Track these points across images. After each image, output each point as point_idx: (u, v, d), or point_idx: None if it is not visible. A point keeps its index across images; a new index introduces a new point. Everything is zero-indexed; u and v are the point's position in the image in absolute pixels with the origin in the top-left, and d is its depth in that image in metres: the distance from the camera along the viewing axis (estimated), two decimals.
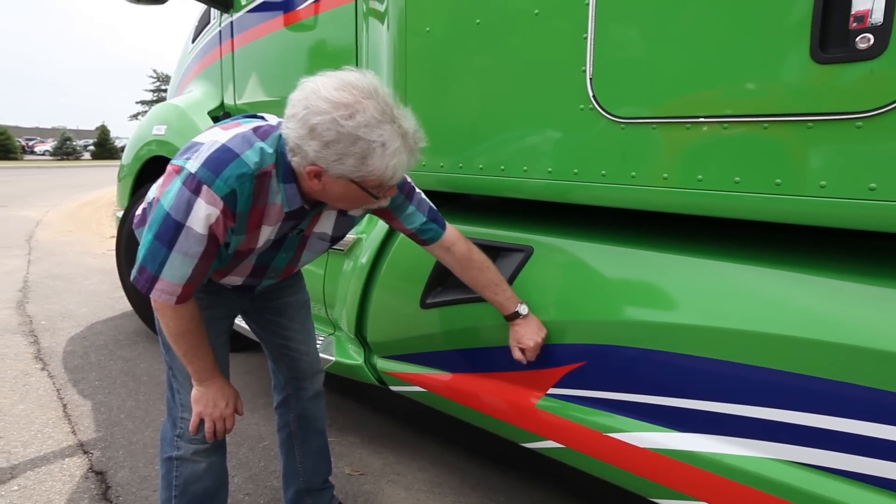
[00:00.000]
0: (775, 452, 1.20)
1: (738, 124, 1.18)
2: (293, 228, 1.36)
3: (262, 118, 1.32)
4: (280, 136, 1.20)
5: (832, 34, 1.05)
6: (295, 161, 1.16)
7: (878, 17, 0.99)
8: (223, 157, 1.15)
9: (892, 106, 1.00)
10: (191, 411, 1.40)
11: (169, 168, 1.22)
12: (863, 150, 1.04)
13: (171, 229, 1.15)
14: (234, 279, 1.44)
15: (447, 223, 1.54)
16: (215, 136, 1.20)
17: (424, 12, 1.77)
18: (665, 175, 1.30)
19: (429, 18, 1.76)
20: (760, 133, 1.15)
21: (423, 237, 1.51)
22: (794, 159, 1.12)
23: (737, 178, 1.20)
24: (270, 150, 1.19)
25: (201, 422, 1.40)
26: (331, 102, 1.08)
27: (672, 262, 1.38)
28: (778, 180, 1.15)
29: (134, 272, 1.22)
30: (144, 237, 1.20)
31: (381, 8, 1.93)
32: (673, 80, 1.26)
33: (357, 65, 2.13)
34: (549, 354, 1.55)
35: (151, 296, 1.22)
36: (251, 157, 1.16)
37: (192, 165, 1.15)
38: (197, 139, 1.26)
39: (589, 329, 1.48)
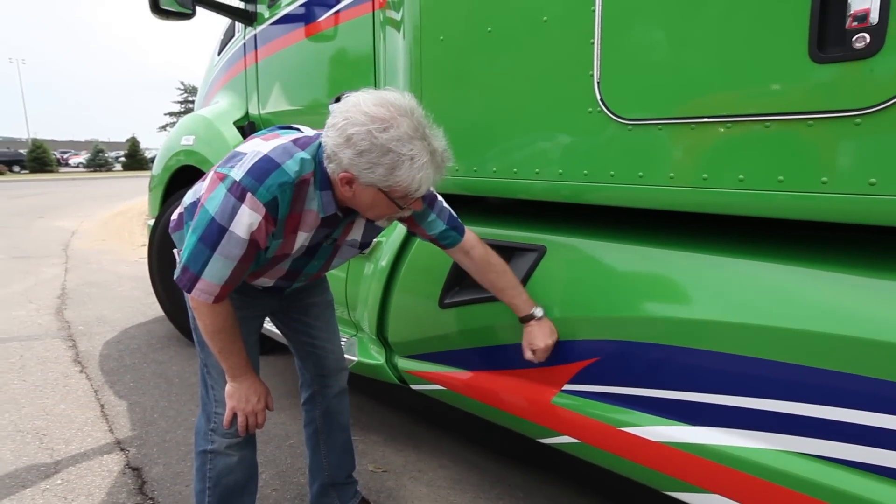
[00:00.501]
0: (785, 444, 1.22)
1: (740, 124, 1.21)
2: (326, 237, 1.44)
3: (299, 130, 1.40)
4: (319, 145, 1.29)
5: (830, 34, 1.07)
6: (330, 168, 1.25)
7: (874, 17, 1.02)
8: (266, 167, 1.23)
9: (889, 103, 1.02)
10: (224, 406, 1.48)
11: (213, 175, 1.31)
12: (862, 146, 1.07)
13: (216, 233, 1.23)
14: (266, 281, 1.52)
15: (466, 228, 1.60)
16: (257, 147, 1.29)
17: (439, 21, 1.83)
18: (671, 174, 1.34)
19: (443, 27, 1.81)
20: (762, 132, 1.18)
21: (443, 242, 1.59)
22: (795, 156, 1.15)
23: (741, 176, 1.23)
24: (309, 159, 1.27)
25: (234, 416, 1.47)
26: (368, 116, 1.17)
27: (680, 259, 1.41)
28: (780, 177, 1.17)
29: (177, 272, 1.30)
30: (188, 239, 1.28)
31: (398, 17, 2.00)
32: (677, 83, 1.30)
33: (375, 71, 2.21)
34: (563, 351, 1.59)
35: (192, 295, 1.29)
36: (292, 167, 1.24)
37: (237, 174, 1.23)
38: (239, 149, 1.35)
39: (601, 325, 1.51)
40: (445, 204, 1.58)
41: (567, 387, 1.61)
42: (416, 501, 2.01)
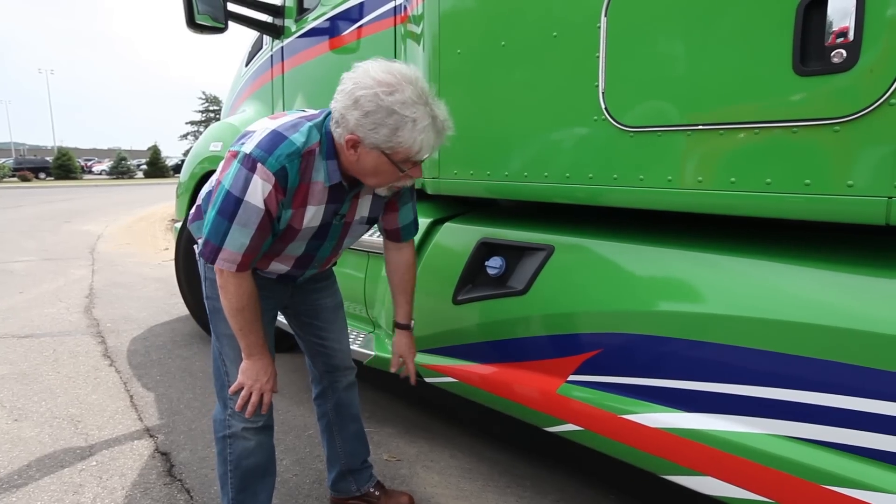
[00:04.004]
0: (773, 428, 1.31)
1: (732, 131, 1.32)
2: (335, 214, 1.52)
3: (304, 111, 1.51)
4: (326, 117, 1.40)
5: (811, 50, 1.18)
6: (337, 133, 1.35)
7: (850, 35, 1.13)
8: (275, 140, 1.35)
9: (864, 112, 1.12)
10: (239, 392, 1.56)
11: (227, 155, 1.44)
12: (840, 151, 1.17)
13: (232, 204, 1.34)
14: (280, 266, 1.60)
15: (412, 239, 1.81)
16: (265, 125, 1.41)
17: (456, 35, 1.96)
18: (669, 177, 1.44)
19: (460, 41, 1.94)
20: (752, 138, 1.29)
21: (402, 234, 1.75)
22: (781, 161, 1.25)
23: (732, 179, 1.33)
24: (315, 131, 1.39)
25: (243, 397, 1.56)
26: (376, 80, 1.28)
27: (678, 257, 1.51)
28: (768, 180, 1.28)
29: (199, 247, 1.41)
30: (208, 215, 1.40)
31: (418, 31, 2.13)
32: (675, 93, 1.41)
33: None
34: (569, 343, 1.70)
35: (216, 265, 1.40)
36: (299, 139, 1.36)
37: (248, 148, 1.35)
38: (250, 128, 1.46)
39: (604, 319, 1.62)
40: (415, 206, 1.75)
41: (572, 377, 1.71)
42: (428, 488, 2.11)
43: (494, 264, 1.87)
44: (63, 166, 35.46)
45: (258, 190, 1.32)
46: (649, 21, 1.43)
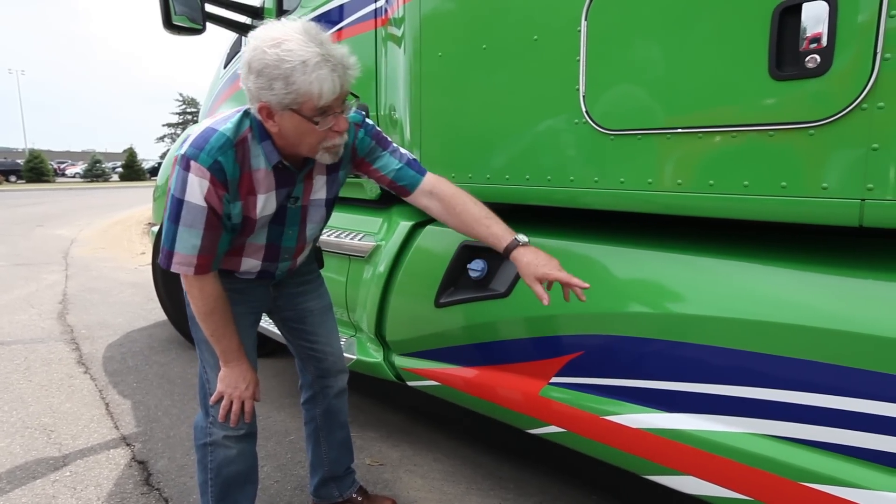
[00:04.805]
0: (751, 427, 1.33)
1: (710, 134, 1.34)
2: (288, 198, 1.49)
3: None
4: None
5: (786, 55, 1.20)
6: (253, 109, 1.33)
7: (824, 41, 1.15)
8: (205, 135, 1.33)
9: (837, 116, 1.15)
10: (221, 401, 1.54)
11: (172, 162, 1.42)
12: (815, 154, 1.19)
13: (176, 206, 1.33)
14: (251, 262, 1.57)
15: (429, 172, 1.61)
16: (203, 124, 1.39)
17: (437, 38, 1.96)
18: (650, 180, 1.46)
19: (441, 44, 1.94)
20: (730, 141, 1.31)
21: (402, 183, 1.59)
22: (759, 163, 1.27)
23: (711, 182, 1.35)
24: (245, 118, 1.37)
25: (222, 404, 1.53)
26: (260, 38, 1.26)
27: (658, 259, 1.53)
28: (746, 182, 1.30)
29: (159, 256, 1.40)
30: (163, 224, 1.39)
31: (399, 34, 2.13)
32: (654, 96, 1.42)
33: (376, 84, 2.33)
34: (551, 345, 1.70)
35: (172, 269, 1.38)
36: (229, 129, 1.34)
37: (183, 149, 1.34)
38: (190, 130, 1.45)
39: (586, 321, 1.62)
40: (405, 151, 1.63)
41: (554, 379, 1.71)
42: (411, 492, 2.10)
43: (476, 267, 1.87)
44: (35, 169, 34.72)
45: (196, 188, 1.31)
46: (629, 25, 1.44)
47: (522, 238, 1.49)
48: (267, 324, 2.56)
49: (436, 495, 2.09)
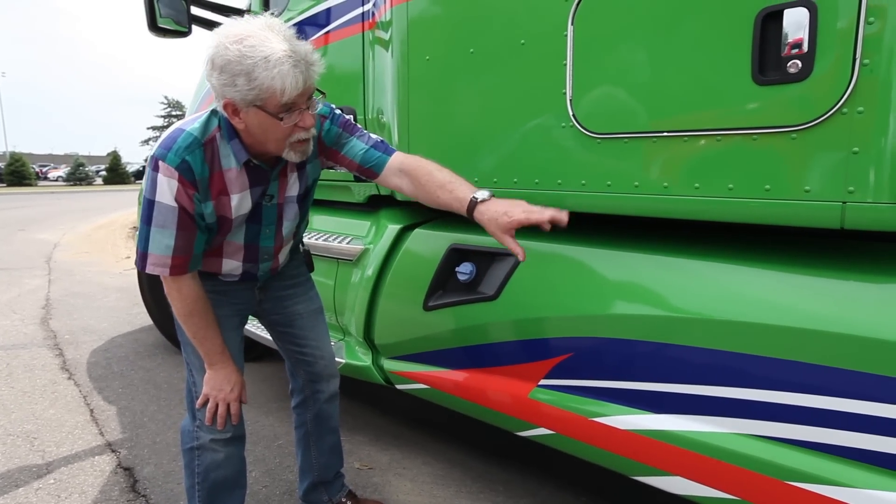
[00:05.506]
0: (740, 427, 1.35)
1: (695, 138, 1.35)
2: (263, 195, 1.49)
3: None
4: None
5: (769, 61, 1.22)
6: (219, 107, 1.33)
7: (805, 46, 1.17)
8: (173, 135, 1.34)
9: (819, 120, 1.17)
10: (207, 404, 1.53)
11: None
12: (797, 157, 1.21)
13: (147, 208, 1.34)
14: (232, 264, 1.56)
15: (397, 151, 1.58)
16: (174, 126, 1.40)
17: (424, 42, 1.96)
18: (636, 183, 1.47)
19: (428, 47, 1.95)
20: (714, 144, 1.33)
21: (369, 165, 1.56)
22: (743, 166, 1.29)
23: (696, 185, 1.37)
24: (214, 117, 1.37)
25: (209, 408, 1.53)
26: (224, 35, 1.25)
27: (645, 261, 1.54)
28: (731, 185, 1.31)
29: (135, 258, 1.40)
30: None
31: (387, 37, 2.13)
32: (640, 100, 1.44)
33: (363, 87, 2.33)
34: (539, 348, 1.71)
35: (147, 271, 1.38)
36: (196, 129, 1.35)
37: (154, 151, 1.34)
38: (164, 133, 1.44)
39: (574, 323, 1.63)
40: (374, 135, 1.61)
41: (543, 382, 1.72)
42: (400, 495, 2.10)
43: (465, 270, 1.88)
44: (16, 172, 34.20)
45: (165, 188, 1.31)
46: (615, 30, 1.46)
47: (482, 194, 1.40)
48: (256, 328, 2.55)
49: (425, 498, 2.08)
